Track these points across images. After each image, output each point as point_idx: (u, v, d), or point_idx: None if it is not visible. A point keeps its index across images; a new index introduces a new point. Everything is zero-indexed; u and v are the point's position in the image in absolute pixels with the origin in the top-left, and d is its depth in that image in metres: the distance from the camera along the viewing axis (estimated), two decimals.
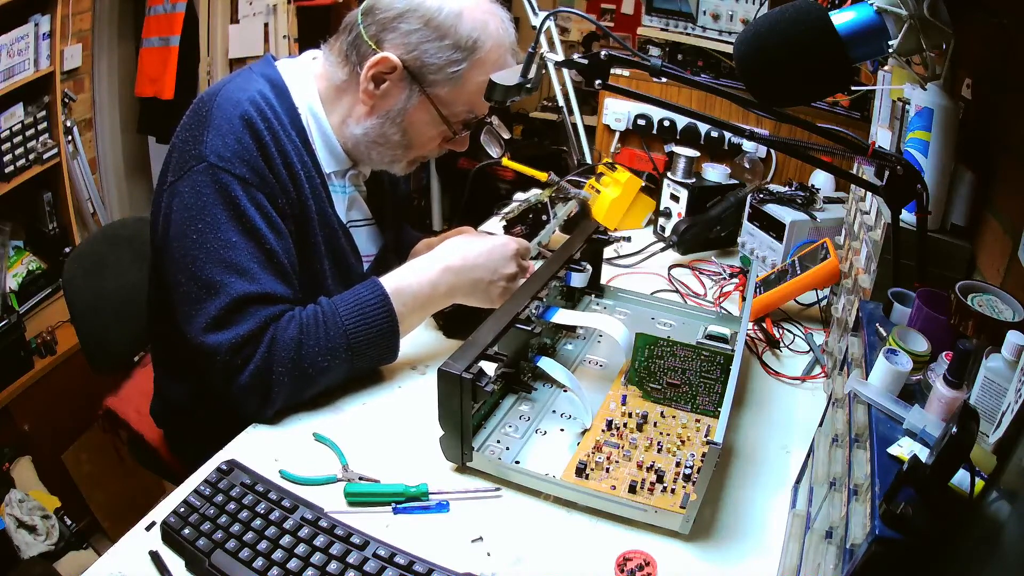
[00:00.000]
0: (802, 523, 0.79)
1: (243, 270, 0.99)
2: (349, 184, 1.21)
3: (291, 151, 1.06)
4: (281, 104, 1.08)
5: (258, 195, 1.01)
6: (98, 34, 2.69)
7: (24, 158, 2.27)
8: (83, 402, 2.03)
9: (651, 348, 1.06)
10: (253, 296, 0.99)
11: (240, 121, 1.01)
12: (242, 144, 1.01)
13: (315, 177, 1.11)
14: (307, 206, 1.09)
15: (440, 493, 0.91)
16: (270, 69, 1.12)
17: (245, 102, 1.03)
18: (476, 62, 1.10)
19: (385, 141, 1.13)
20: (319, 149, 1.14)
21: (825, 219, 1.49)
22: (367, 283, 1.06)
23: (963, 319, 0.77)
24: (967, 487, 0.57)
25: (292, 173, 1.06)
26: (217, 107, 1.02)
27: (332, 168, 1.17)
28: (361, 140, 1.14)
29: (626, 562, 0.82)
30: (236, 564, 0.78)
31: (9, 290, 2.32)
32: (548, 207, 1.49)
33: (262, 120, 1.03)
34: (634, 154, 2.05)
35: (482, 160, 1.45)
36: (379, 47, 1.08)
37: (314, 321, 1.01)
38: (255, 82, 1.08)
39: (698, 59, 2.02)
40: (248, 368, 0.98)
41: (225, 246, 0.99)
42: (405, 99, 1.10)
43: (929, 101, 1.02)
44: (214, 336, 0.98)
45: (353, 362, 1.04)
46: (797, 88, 0.93)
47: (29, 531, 1.99)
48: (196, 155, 1.00)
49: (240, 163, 1.00)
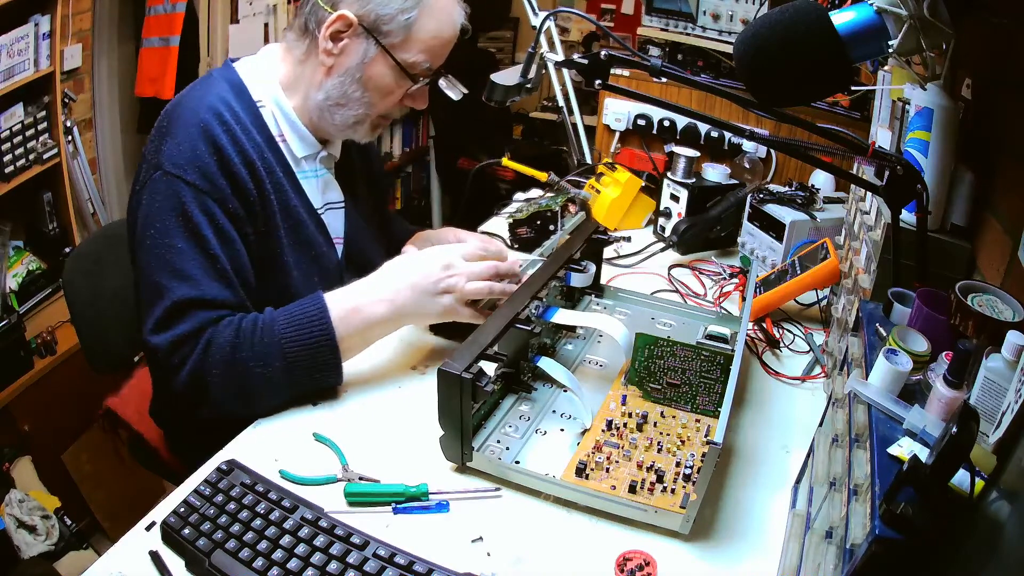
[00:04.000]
0: (802, 523, 0.79)
1: (186, 275, 1.03)
2: (322, 167, 1.25)
3: (251, 149, 1.10)
4: (241, 104, 1.12)
5: (208, 202, 1.05)
6: (98, 34, 2.69)
7: (24, 158, 2.27)
8: (83, 402, 2.02)
9: (651, 348, 1.06)
10: (193, 300, 1.03)
11: (197, 129, 1.06)
12: (196, 152, 1.05)
13: (277, 171, 1.15)
14: (269, 201, 1.13)
15: (440, 493, 0.91)
16: (229, 72, 1.16)
17: (203, 110, 1.07)
18: (425, 9, 1.13)
19: (347, 100, 1.15)
20: (288, 136, 1.18)
21: (825, 219, 1.49)
22: (310, 296, 1.07)
23: (963, 319, 0.77)
24: (967, 487, 0.57)
25: (252, 171, 1.10)
26: (177, 116, 1.07)
27: (304, 152, 1.20)
28: (324, 106, 1.16)
29: (626, 562, 0.83)
30: (236, 564, 0.78)
31: (9, 290, 2.32)
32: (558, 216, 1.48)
33: (220, 124, 1.07)
34: (634, 154, 2.05)
35: (482, 160, 1.46)
36: (335, 8, 1.12)
37: (251, 327, 1.04)
38: (215, 87, 1.12)
39: (698, 59, 2.02)
40: (185, 368, 1.02)
41: (172, 252, 1.04)
42: (363, 53, 1.13)
43: (929, 101, 1.02)
44: (155, 337, 1.03)
45: (292, 374, 1.03)
46: (797, 88, 0.94)
47: (29, 531, 1.99)
48: (155, 164, 1.06)
49: (193, 170, 1.04)
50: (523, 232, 1.43)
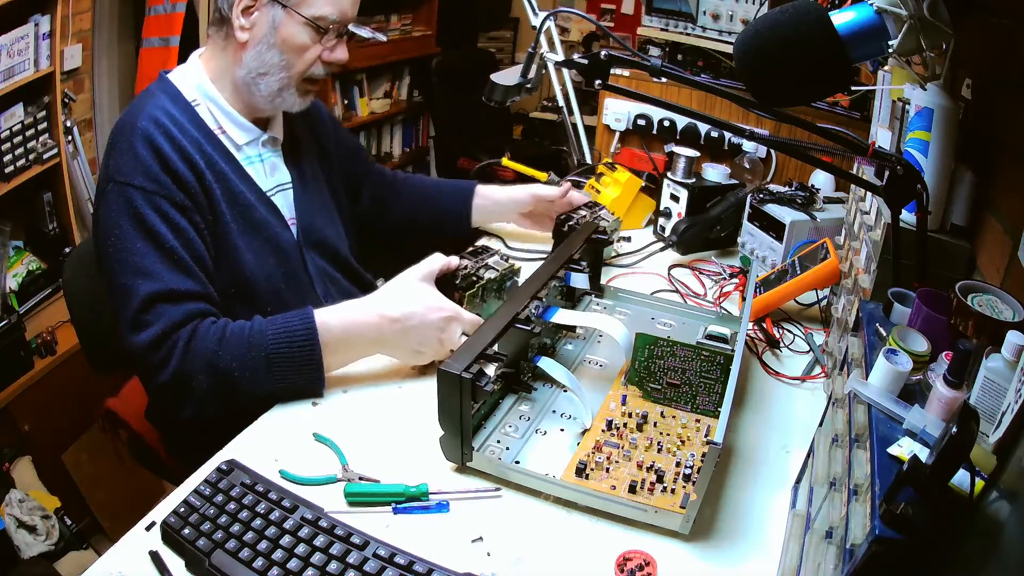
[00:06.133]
0: (802, 523, 0.79)
1: (148, 272, 1.08)
2: (267, 150, 1.29)
3: (188, 145, 1.15)
4: (177, 108, 1.18)
5: (157, 199, 1.10)
6: (98, 34, 2.69)
7: (24, 158, 2.27)
8: (83, 402, 2.03)
9: (651, 348, 1.06)
10: (159, 294, 1.07)
11: (137, 139, 1.11)
12: (139, 158, 1.11)
13: (218, 162, 1.19)
14: (211, 190, 1.17)
15: (440, 493, 0.91)
16: (163, 83, 1.22)
17: (141, 119, 1.13)
18: None
19: (267, 68, 1.20)
20: (227, 126, 1.23)
21: (825, 219, 1.49)
22: (301, 312, 1.08)
23: (963, 319, 0.77)
24: (967, 487, 0.57)
25: (192, 164, 1.15)
26: (119, 132, 1.14)
27: (245, 139, 1.25)
28: (247, 80, 1.21)
29: (626, 562, 0.82)
30: (236, 564, 0.78)
31: (9, 290, 2.32)
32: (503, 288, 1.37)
33: (157, 128, 1.13)
34: (634, 154, 2.05)
35: (482, 160, 1.45)
36: None
37: (239, 331, 1.07)
38: (152, 99, 1.18)
39: (698, 59, 2.02)
40: (169, 365, 1.05)
41: (132, 253, 1.08)
42: (272, 19, 1.18)
43: (929, 101, 1.02)
44: (133, 337, 1.06)
45: (274, 383, 1.06)
46: (797, 88, 0.94)
47: (29, 531, 1.99)
48: (106, 178, 1.12)
49: (139, 175, 1.10)
50: None
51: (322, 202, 1.40)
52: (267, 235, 1.25)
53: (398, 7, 4.02)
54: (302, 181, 1.35)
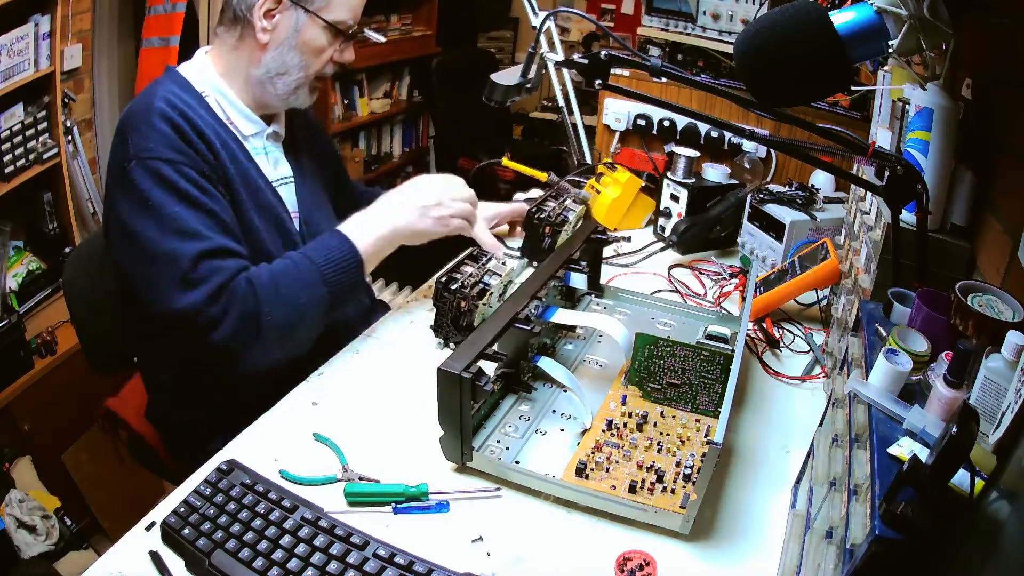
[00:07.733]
0: (802, 523, 0.79)
1: (193, 232, 1.10)
2: (270, 143, 1.32)
3: (203, 125, 1.18)
4: (188, 95, 1.20)
5: (187, 170, 1.12)
6: (98, 34, 2.69)
7: (24, 158, 2.27)
8: (83, 402, 2.03)
9: (651, 348, 1.06)
10: (208, 251, 1.09)
11: (154, 116, 1.13)
12: (160, 132, 1.12)
13: (230, 143, 1.22)
14: (226, 168, 1.20)
15: (440, 493, 0.91)
16: (172, 74, 1.24)
17: (155, 100, 1.15)
18: None
19: (287, 68, 1.24)
20: (235, 118, 1.26)
21: (825, 219, 1.49)
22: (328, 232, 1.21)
23: (963, 319, 0.77)
24: (967, 487, 0.57)
25: (208, 142, 1.17)
26: (132, 116, 1.15)
27: (251, 131, 1.28)
28: (265, 79, 1.24)
29: (626, 562, 0.83)
30: (236, 564, 0.78)
31: (9, 290, 2.32)
32: None
33: (172, 108, 1.14)
34: (634, 154, 2.05)
35: (482, 160, 1.45)
36: None
37: (284, 263, 1.15)
38: (161, 86, 1.19)
39: (698, 59, 2.02)
40: (230, 314, 1.08)
41: (172, 219, 1.09)
42: (295, 23, 1.22)
43: (929, 101, 1.02)
44: (186, 297, 1.07)
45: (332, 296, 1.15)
46: (797, 88, 0.93)
47: (29, 531, 1.99)
48: (126, 158, 1.11)
49: (164, 148, 1.12)
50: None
51: (320, 198, 1.42)
52: (277, 218, 1.28)
53: (398, 7, 4.03)
54: (302, 176, 1.37)
